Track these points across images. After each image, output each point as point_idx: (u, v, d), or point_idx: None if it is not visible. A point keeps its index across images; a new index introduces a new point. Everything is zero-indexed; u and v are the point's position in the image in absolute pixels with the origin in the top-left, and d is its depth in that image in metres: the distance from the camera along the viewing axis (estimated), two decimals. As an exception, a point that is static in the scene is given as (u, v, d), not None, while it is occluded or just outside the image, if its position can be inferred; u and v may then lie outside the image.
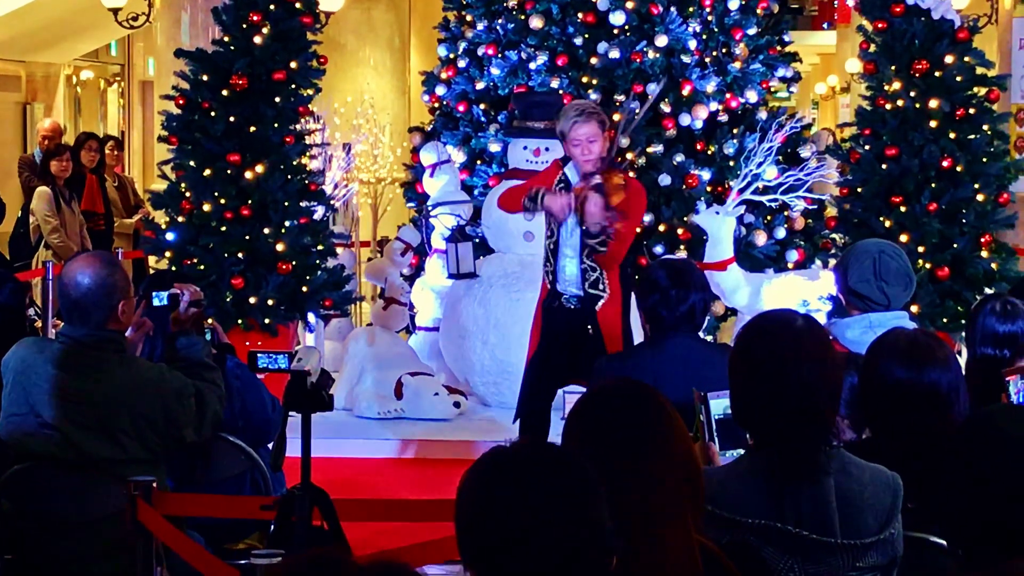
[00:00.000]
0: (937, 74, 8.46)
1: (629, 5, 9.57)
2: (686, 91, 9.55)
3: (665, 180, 9.40)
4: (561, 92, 9.47)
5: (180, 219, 8.68)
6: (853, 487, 3.25)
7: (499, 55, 9.94)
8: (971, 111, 8.49)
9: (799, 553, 3.15)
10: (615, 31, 9.64)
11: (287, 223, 8.60)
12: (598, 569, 2.32)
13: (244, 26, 8.65)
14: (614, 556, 2.37)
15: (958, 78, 8.49)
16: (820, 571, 3.16)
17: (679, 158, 9.47)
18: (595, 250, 6.48)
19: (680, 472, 2.73)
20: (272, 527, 4.49)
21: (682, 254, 9.04)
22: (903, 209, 8.40)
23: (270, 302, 8.51)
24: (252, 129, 8.58)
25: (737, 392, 3.36)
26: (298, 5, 8.74)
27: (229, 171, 8.55)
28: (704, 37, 9.83)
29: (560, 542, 2.27)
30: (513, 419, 6.84)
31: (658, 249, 9.24)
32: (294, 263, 8.58)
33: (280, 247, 8.54)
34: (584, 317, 6.61)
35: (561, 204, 6.42)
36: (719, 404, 3.76)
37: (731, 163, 9.52)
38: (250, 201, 8.55)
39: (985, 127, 8.54)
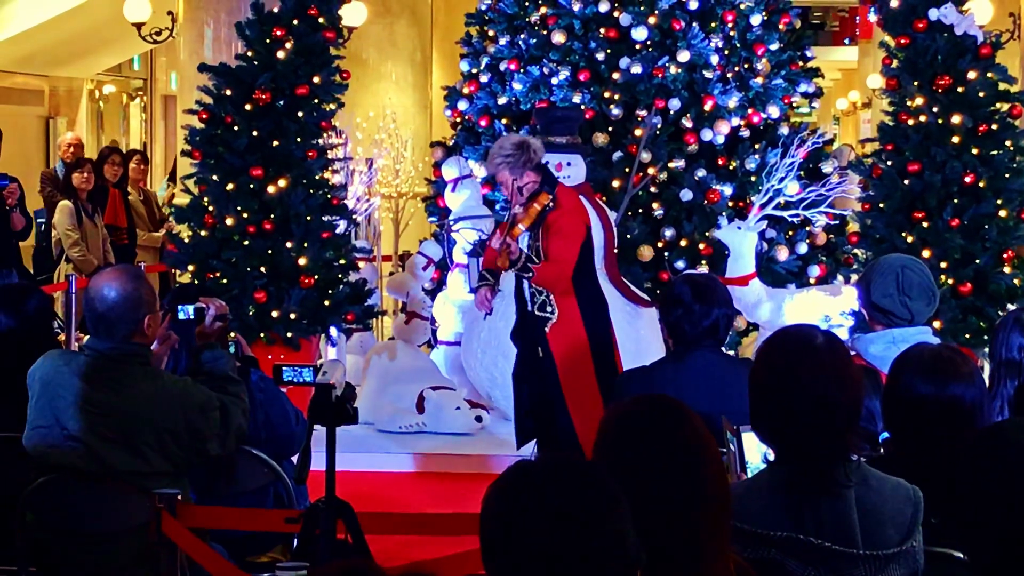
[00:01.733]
0: (960, 90, 8.44)
1: (651, 20, 9.59)
2: (708, 106, 9.56)
3: (687, 195, 9.40)
4: (583, 107, 9.49)
5: (203, 233, 8.71)
6: (874, 499, 3.25)
7: (521, 70, 9.96)
8: (993, 127, 8.47)
9: (822, 564, 3.15)
10: (637, 46, 9.66)
11: (309, 237, 8.62)
12: (623, 581, 2.33)
13: (267, 41, 8.68)
14: (639, 569, 2.37)
15: (980, 94, 8.47)
16: (843, 583, 3.16)
17: (701, 173, 9.48)
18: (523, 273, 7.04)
19: (714, 490, 2.73)
20: (296, 540, 4.50)
21: (704, 269, 9.04)
22: (925, 225, 8.38)
23: (292, 316, 8.53)
24: (275, 143, 8.59)
25: (757, 406, 3.36)
26: (321, 20, 8.76)
27: (252, 185, 8.57)
28: (726, 52, 9.84)
29: (585, 555, 2.28)
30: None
31: (680, 264, 9.24)
32: (316, 277, 8.59)
33: (302, 261, 8.56)
34: (536, 336, 7.07)
35: (479, 299, 7.50)
36: (752, 438, 3.69)
37: (753, 178, 9.53)
38: (273, 215, 8.57)
39: (1008, 143, 8.52)
